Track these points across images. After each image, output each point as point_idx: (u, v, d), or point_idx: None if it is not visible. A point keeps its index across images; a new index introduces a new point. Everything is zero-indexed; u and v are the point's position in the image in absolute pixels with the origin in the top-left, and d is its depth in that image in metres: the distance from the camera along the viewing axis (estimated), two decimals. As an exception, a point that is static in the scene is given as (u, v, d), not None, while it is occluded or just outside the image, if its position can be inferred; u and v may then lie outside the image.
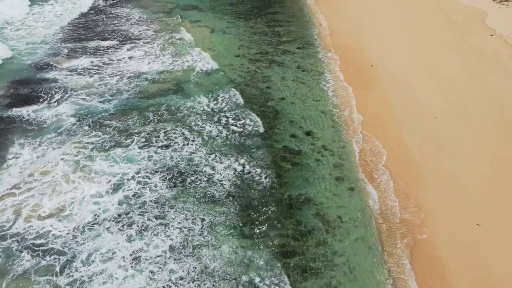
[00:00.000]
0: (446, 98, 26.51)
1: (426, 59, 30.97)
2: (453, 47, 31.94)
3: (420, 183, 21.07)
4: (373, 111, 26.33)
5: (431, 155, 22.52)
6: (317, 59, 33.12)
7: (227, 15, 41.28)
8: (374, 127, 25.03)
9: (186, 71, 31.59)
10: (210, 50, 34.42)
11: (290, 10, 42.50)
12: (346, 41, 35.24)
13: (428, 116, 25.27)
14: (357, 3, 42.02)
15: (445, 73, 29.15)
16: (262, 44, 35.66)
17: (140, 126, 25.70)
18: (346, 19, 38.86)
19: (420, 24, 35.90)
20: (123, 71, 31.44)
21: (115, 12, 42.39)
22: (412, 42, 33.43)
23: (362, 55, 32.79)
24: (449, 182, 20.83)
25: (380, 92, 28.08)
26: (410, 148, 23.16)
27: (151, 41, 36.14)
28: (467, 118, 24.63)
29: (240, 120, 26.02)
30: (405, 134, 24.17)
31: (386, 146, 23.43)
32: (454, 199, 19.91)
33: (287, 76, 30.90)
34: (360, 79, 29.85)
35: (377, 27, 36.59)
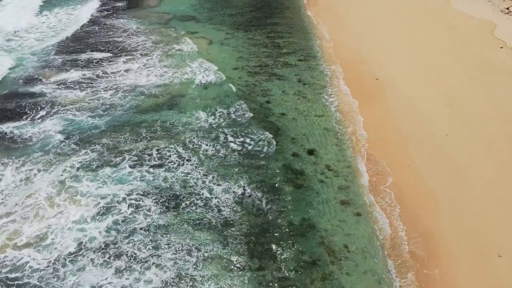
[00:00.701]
0: (457, 115, 25.04)
1: (433, 74, 29.59)
2: (462, 61, 30.60)
3: (432, 208, 19.48)
4: (379, 128, 24.84)
5: (444, 177, 20.97)
6: (319, 72, 31.73)
7: (225, 26, 40.01)
8: (380, 145, 23.51)
9: (183, 84, 30.16)
10: (208, 63, 33.03)
11: (290, 21, 41.28)
12: (349, 53, 33.91)
13: (439, 133, 23.78)
14: (359, 15, 40.82)
15: (456, 89, 27.73)
16: (261, 56, 34.32)
17: (132, 143, 24.16)
18: (349, 31, 37.61)
19: (426, 37, 34.61)
20: (118, 85, 30.00)
21: (110, 23, 41.13)
22: (418, 55, 32.09)
23: (366, 68, 31.42)
24: (465, 207, 19.25)
25: (386, 108, 26.63)
26: (420, 168, 21.62)
27: (149, 53, 34.76)
28: (481, 137, 23.14)
29: (239, 138, 24.51)
30: (414, 153, 22.65)
31: (393, 166, 21.89)
32: (470, 227, 18.32)
33: (288, 90, 29.48)
34: (365, 93, 28.43)
35: (381, 39, 35.30)
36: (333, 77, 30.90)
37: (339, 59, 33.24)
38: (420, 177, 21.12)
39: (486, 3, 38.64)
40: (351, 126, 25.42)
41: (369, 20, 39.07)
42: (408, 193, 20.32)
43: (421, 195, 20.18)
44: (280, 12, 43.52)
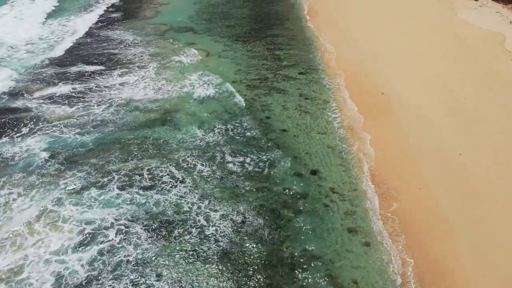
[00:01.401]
0: (470, 132, 23.46)
1: (442, 87, 28.08)
2: (472, 75, 29.13)
3: (446, 238, 17.76)
4: (387, 146, 23.21)
5: (460, 201, 19.29)
6: (321, 86, 30.21)
7: (223, 38, 38.65)
8: (389, 165, 21.87)
9: (178, 98, 28.61)
10: (204, 76, 31.54)
11: (290, 32, 39.94)
12: (352, 65, 32.45)
13: (452, 151, 22.17)
14: (362, 26, 39.51)
15: (467, 103, 26.20)
16: (261, 69, 32.85)
17: (122, 162, 22.50)
18: (351, 43, 36.23)
19: (432, 49, 33.21)
20: (112, 99, 28.44)
21: (106, 34, 39.76)
22: (425, 67, 30.63)
23: (370, 82, 29.92)
24: (486, 238, 17.54)
25: (393, 124, 25.05)
26: (433, 192, 19.94)
27: (145, 65, 33.28)
28: (498, 156, 21.51)
29: (237, 157, 22.85)
30: (426, 174, 21.00)
31: (404, 189, 20.21)
32: (494, 261, 16.59)
33: (289, 104, 27.92)
34: (370, 108, 26.86)
35: (385, 51, 33.90)
36: (336, 91, 29.37)
37: (342, 72, 31.76)
38: (433, 201, 19.42)
39: (494, 14, 37.39)
40: (356, 144, 23.79)
41: (372, 32, 37.74)
42: (420, 220, 18.61)
43: (435, 222, 18.47)
44: (280, 23, 42.23)
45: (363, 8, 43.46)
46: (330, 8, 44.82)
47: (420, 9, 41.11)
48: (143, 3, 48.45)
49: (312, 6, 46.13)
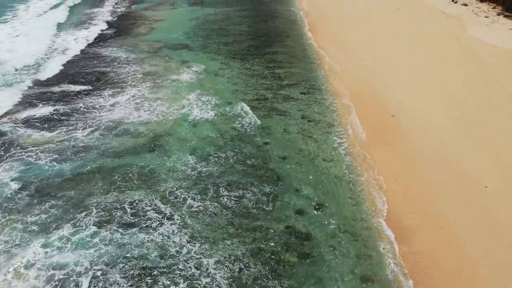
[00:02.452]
0: (496, 160, 20.89)
1: (459, 109, 25.65)
2: (491, 95, 26.73)
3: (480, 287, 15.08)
4: (401, 177, 20.65)
5: (489, 242, 16.64)
6: (325, 107, 27.82)
7: (220, 55, 36.50)
8: (404, 199, 19.27)
9: (169, 121, 26.17)
10: (199, 96, 29.20)
11: (291, 50, 37.83)
12: (359, 85, 30.14)
13: (476, 184, 19.58)
14: (367, 43, 37.40)
15: (489, 127, 23.68)
16: (259, 88, 30.53)
17: (102, 194, 19.88)
18: (357, 61, 34.04)
19: (445, 67, 30.93)
20: (99, 121, 25.97)
21: (96, 52, 37.66)
22: (440, 88, 28.27)
23: (379, 103, 27.54)
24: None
25: (407, 151, 22.53)
26: (458, 232, 17.28)
27: (138, 84, 30.97)
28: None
29: (233, 190, 20.24)
30: (447, 211, 18.37)
31: (424, 228, 17.56)
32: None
33: (290, 128, 25.47)
34: (380, 132, 24.42)
35: (394, 69, 31.65)
36: (341, 113, 26.96)
37: (347, 91, 29.40)
38: (459, 243, 16.75)
39: (506, 31, 35.35)
40: (366, 173, 21.22)
41: (379, 50, 35.58)
42: (445, 265, 15.93)
43: (462, 268, 15.78)
44: (280, 40, 40.16)
45: (368, 26, 41.48)
46: (333, 25, 42.88)
47: (427, 26, 39.10)
48: (137, 19, 46.58)
49: (313, 22, 44.22)
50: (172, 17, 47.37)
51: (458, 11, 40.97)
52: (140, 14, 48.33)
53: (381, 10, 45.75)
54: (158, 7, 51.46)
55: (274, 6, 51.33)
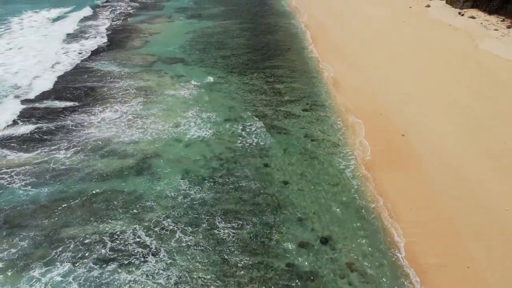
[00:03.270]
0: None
1: (475, 127, 23.58)
2: (509, 112, 24.73)
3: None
4: (417, 204, 18.48)
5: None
6: (329, 125, 25.78)
7: (217, 69, 34.63)
8: (422, 232, 17.01)
9: (160, 140, 24.11)
10: (193, 113, 27.20)
11: (292, 63, 35.97)
12: (364, 101, 28.16)
13: (499, 210, 17.39)
14: (373, 58, 35.56)
15: (509, 146, 21.62)
16: (258, 104, 28.55)
17: (80, 225, 17.71)
18: (362, 76, 32.13)
19: (460, 83, 28.93)
20: (85, 141, 23.90)
21: (87, 65, 35.76)
22: (452, 104, 26.25)
23: (387, 120, 25.50)
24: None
25: (420, 174, 20.39)
26: (484, 271, 15.04)
27: (129, 100, 28.97)
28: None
29: (228, 221, 18.04)
30: (471, 245, 16.13)
31: (447, 268, 15.31)
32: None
33: (292, 148, 23.39)
34: (390, 153, 22.32)
35: (402, 85, 29.69)
36: (347, 132, 24.91)
37: (353, 108, 27.43)
38: (487, 286, 14.51)
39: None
40: (378, 200, 19.05)
41: (385, 64, 33.71)
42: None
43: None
44: (280, 53, 38.35)
45: (372, 39, 39.73)
46: (335, 38, 41.14)
47: (435, 40, 37.31)
48: (132, 32, 44.88)
49: (314, 35, 42.51)
50: (168, 30, 45.69)
51: (466, 24, 39.28)
52: (136, 27, 46.68)
53: (384, 23, 44.11)
54: (154, 20, 49.88)
55: (274, 19, 49.77)
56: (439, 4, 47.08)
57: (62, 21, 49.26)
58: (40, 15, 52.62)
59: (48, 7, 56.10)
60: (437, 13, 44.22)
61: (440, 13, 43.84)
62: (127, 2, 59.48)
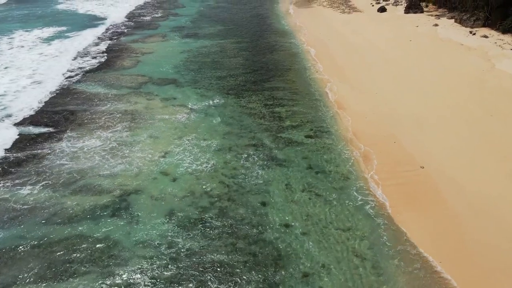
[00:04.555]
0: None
1: (501, 156, 20.59)
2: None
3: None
4: (450, 256, 15.28)
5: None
6: (336, 155, 22.76)
7: (212, 91, 31.84)
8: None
9: (143, 172, 21.06)
10: (182, 140, 24.25)
11: (293, 85, 33.23)
12: (374, 127, 25.26)
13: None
14: (383, 79, 32.83)
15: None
16: (256, 130, 25.62)
17: (31, 283, 14.46)
18: (371, 99, 29.32)
19: (480, 108, 26.01)
20: (57, 174, 20.83)
21: (70, 87, 33.01)
22: (475, 132, 23.29)
23: (402, 150, 22.50)
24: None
25: (446, 214, 17.23)
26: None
27: (111, 125, 26.07)
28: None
29: (218, 277, 14.81)
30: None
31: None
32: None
33: (294, 183, 20.31)
34: (409, 189, 19.22)
35: (415, 109, 26.82)
36: (357, 163, 21.85)
37: (362, 135, 24.50)
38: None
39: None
40: (399, 249, 15.88)
41: (394, 86, 30.96)
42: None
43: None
44: (280, 74, 35.67)
45: (378, 60, 37.16)
46: (338, 58, 38.59)
47: (448, 60, 34.68)
48: (124, 52, 42.36)
49: (317, 56, 40.00)
50: (161, 49, 43.19)
51: (479, 44, 36.76)
52: (128, 46, 44.21)
53: (390, 42, 41.66)
54: (148, 39, 47.48)
55: (273, 38, 47.39)
56: (447, 23, 44.76)
57: (50, 40, 46.91)
58: (34, 33, 50.41)
59: (41, 26, 54.04)
60: (446, 32, 41.81)
61: (450, 32, 41.41)
62: (122, 21, 57.29)
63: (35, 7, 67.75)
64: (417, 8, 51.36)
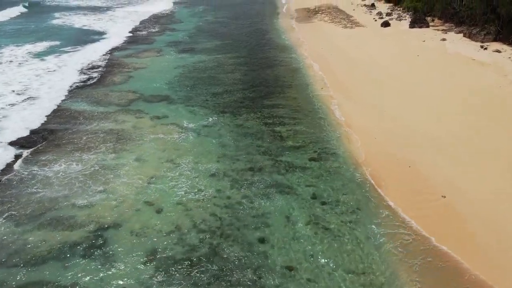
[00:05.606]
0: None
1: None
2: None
3: None
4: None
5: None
6: (345, 181, 20.12)
7: (206, 109, 29.40)
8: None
9: (122, 203, 18.40)
10: (169, 165, 21.67)
11: (295, 102, 30.81)
12: (385, 149, 22.70)
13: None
14: (387, 96, 30.43)
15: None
16: (254, 153, 23.06)
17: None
18: (378, 117, 26.85)
19: (498, 126, 23.57)
20: (24, 203, 18.15)
21: (50, 104, 30.61)
22: (498, 154, 20.75)
23: (418, 176, 19.86)
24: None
25: (476, 252, 14.57)
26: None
27: (93, 147, 23.55)
28: None
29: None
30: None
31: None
32: None
33: (297, 214, 17.64)
34: (430, 221, 16.53)
35: (428, 129, 24.28)
36: (369, 190, 19.18)
37: (372, 159, 21.91)
38: None
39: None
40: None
41: (403, 103, 28.49)
42: None
43: None
44: (280, 91, 33.29)
45: (385, 76, 34.86)
46: (341, 74, 36.31)
47: (461, 75, 32.35)
48: (115, 67, 40.11)
49: (320, 71, 37.74)
50: (155, 64, 40.96)
51: (492, 59, 34.51)
52: (120, 61, 41.98)
53: (396, 57, 39.47)
54: (142, 54, 45.32)
55: (273, 53, 45.25)
56: (455, 38, 42.68)
57: (39, 55, 44.81)
58: (25, 48, 48.35)
59: (33, 41, 52.02)
60: (456, 46, 39.65)
61: (459, 47, 39.26)
62: (119, 36, 55.23)
63: (28, 22, 66.06)
64: (422, 23, 49.43)
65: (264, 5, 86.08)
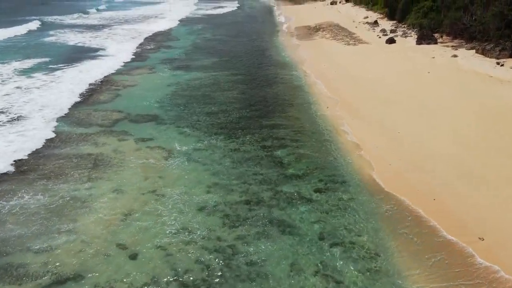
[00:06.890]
0: None
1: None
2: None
3: None
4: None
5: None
6: (358, 218, 16.86)
7: (198, 130, 26.33)
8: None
9: (91, 248, 15.09)
10: (155, 196, 18.44)
11: (296, 123, 27.78)
12: (404, 177, 19.51)
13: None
14: (400, 115, 27.39)
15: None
16: (251, 181, 19.85)
17: None
18: (392, 140, 23.75)
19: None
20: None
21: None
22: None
23: (448, 213, 16.61)
24: None
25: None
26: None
27: (67, 174, 20.37)
28: None
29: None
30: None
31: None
32: None
33: (302, 261, 14.30)
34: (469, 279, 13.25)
35: (454, 154, 21.17)
36: (387, 231, 15.95)
37: (390, 189, 18.72)
38: None
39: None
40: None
41: (419, 124, 25.41)
42: None
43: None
44: (281, 110, 30.31)
45: (394, 95, 31.91)
46: (346, 93, 33.43)
47: (479, 93, 29.46)
48: (103, 84, 37.14)
49: (325, 89, 34.86)
50: (147, 82, 38.14)
51: (511, 75, 31.77)
52: (109, 79, 39.10)
53: (405, 74, 36.64)
54: (133, 71, 42.53)
55: (273, 70, 42.53)
56: (467, 54, 39.99)
57: (27, 72, 42.06)
58: (12, 65, 45.61)
59: (20, 58, 49.39)
60: (469, 63, 36.91)
61: (473, 64, 36.50)
62: (113, 53, 52.55)
63: (19, 39, 63.70)
64: (430, 39, 46.89)
65: (264, 23, 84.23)
